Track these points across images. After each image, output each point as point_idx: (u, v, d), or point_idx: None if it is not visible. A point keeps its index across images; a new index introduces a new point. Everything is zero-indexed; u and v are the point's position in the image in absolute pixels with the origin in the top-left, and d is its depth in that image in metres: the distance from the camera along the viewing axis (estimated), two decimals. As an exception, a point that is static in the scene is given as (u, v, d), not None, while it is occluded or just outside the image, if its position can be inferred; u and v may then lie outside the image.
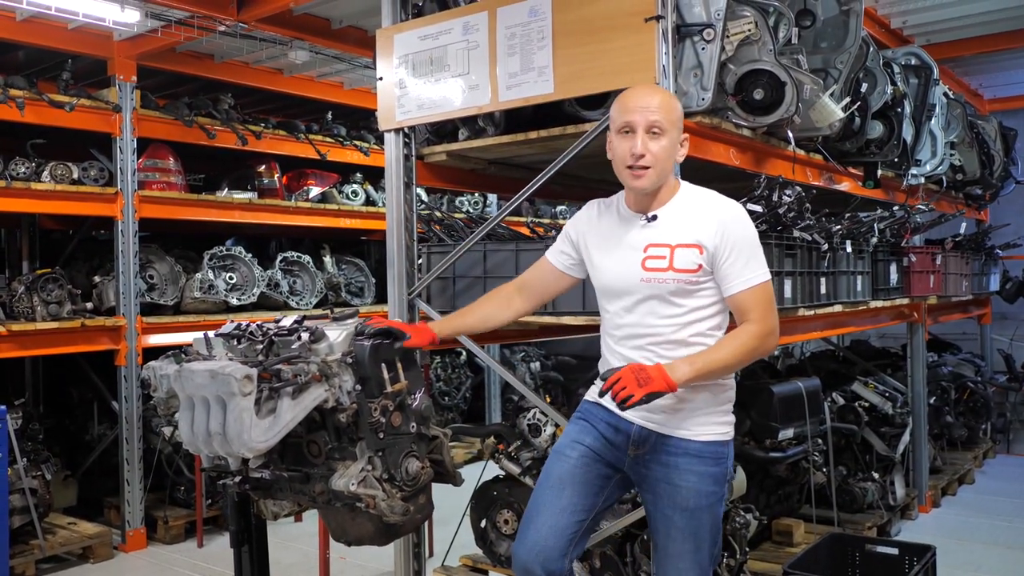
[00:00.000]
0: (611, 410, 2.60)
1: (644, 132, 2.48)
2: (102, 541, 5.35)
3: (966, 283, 6.38)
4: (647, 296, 2.52)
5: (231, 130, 6.00)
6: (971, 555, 5.10)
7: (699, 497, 2.51)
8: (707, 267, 2.49)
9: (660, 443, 2.55)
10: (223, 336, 2.89)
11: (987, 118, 6.57)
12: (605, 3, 3.29)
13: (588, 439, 2.65)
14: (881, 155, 4.46)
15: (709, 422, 2.56)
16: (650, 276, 2.51)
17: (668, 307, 2.51)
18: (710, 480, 2.53)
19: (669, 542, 2.55)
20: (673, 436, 2.54)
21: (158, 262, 5.93)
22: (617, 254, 2.61)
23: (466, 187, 4.63)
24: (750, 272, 2.47)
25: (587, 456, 2.63)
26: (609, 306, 2.66)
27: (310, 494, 2.83)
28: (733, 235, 2.48)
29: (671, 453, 2.54)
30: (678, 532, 2.53)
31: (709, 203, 2.56)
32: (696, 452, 2.52)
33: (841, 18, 3.87)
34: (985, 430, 7.46)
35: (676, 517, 2.52)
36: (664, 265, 2.49)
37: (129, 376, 5.54)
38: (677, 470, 2.52)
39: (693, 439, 2.53)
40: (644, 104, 2.49)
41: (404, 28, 3.92)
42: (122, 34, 5.34)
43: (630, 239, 2.59)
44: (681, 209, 2.57)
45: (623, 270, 2.57)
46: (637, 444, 2.58)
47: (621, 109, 2.54)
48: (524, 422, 4.15)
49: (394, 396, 2.72)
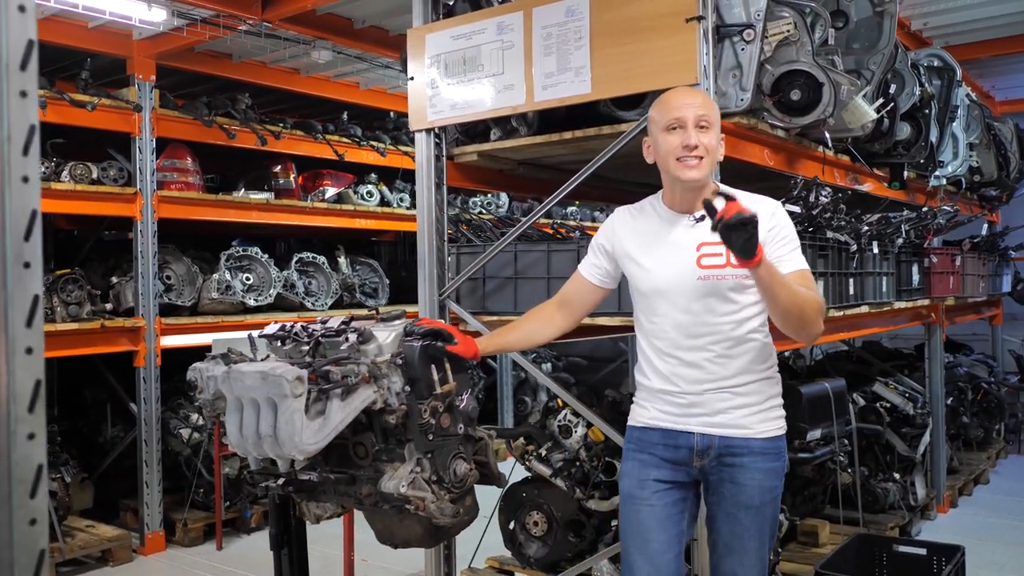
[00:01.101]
0: (665, 429, 2.61)
1: (694, 126, 2.50)
2: (121, 544, 5.33)
3: (983, 284, 6.39)
4: (704, 294, 2.52)
5: (250, 130, 5.98)
6: (993, 555, 5.11)
7: (763, 493, 2.53)
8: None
9: (723, 447, 2.55)
10: (267, 337, 2.87)
11: (1003, 120, 6.58)
12: (645, 3, 3.28)
13: (653, 472, 2.63)
14: (908, 156, 4.46)
15: (767, 418, 2.57)
16: (708, 273, 2.50)
17: (726, 304, 2.51)
18: (773, 476, 2.56)
19: (734, 540, 2.55)
20: (735, 437, 2.54)
21: (175, 263, 5.91)
22: (666, 255, 2.59)
23: (495, 187, 4.62)
24: (796, 259, 2.53)
25: (659, 492, 2.62)
26: (661, 310, 2.60)
27: (356, 496, 2.81)
28: (780, 228, 2.54)
29: (735, 454, 2.54)
30: (743, 530, 2.53)
31: (754, 201, 2.57)
32: (760, 449, 2.53)
33: (875, 19, 3.86)
34: (998, 430, 7.48)
35: (741, 515, 2.53)
36: (722, 262, 2.48)
37: (148, 377, 5.51)
38: (742, 469, 2.53)
39: (755, 437, 2.54)
40: (690, 101, 2.53)
41: (436, 28, 3.91)
42: (142, 33, 5.32)
43: (679, 239, 2.58)
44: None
45: (676, 270, 2.55)
46: (701, 454, 2.58)
47: (667, 108, 2.55)
48: (555, 423, 4.14)
49: (443, 397, 2.70)
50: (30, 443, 1.36)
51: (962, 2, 5.31)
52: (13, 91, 1.34)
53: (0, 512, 1.33)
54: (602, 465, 3.93)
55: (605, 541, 4.00)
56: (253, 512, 5.88)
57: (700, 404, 2.56)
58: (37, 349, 1.37)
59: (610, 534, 4.00)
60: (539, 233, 4.37)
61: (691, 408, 2.57)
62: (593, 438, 3.98)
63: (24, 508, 1.35)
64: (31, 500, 1.36)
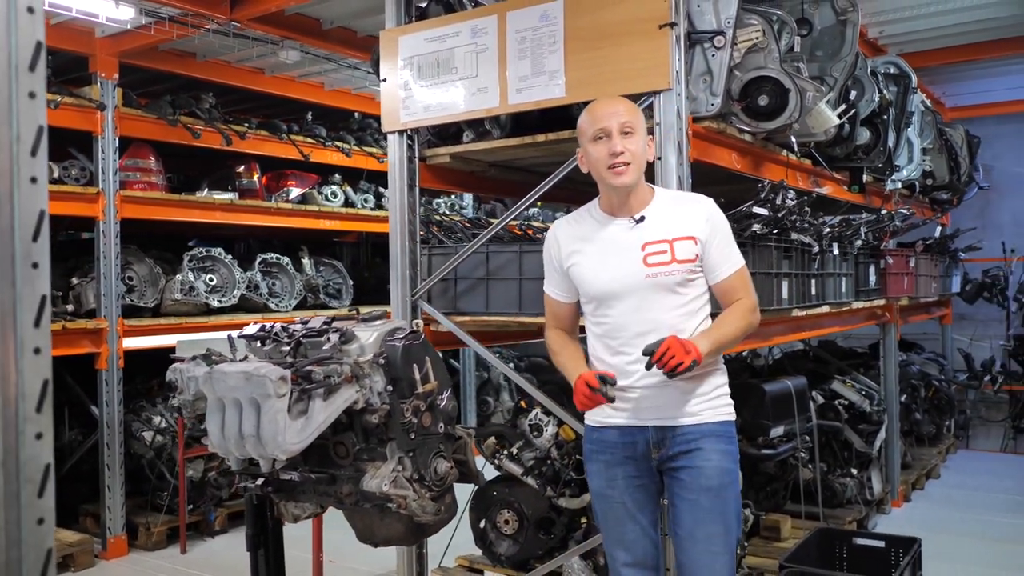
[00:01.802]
0: (616, 425, 2.71)
1: (618, 133, 2.61)
2: (83, 549, 5.25)
3: (934, 284, 6.58)
4: (652, 291, 2.61)
5: (215, 130, 5.93)
6: (946, 546, 5.27)
7: (722, 475, 2.61)
8: (700, 256, 2.65)
9: (678, 436, 2.64)
10: (247, 338, 2.88)
11: (954, 125, 6.79)
12: (619, 9, 3.34)
13: (619, 471, 2.73)
14: (868, 160, 4.59)
15: (717, 404, 2.68)
16: (655, 271, 2.60)
17: (674, 298, 2.62)
18: (729, 458, 2.65)
19: (697, 527, 2.60)
20: (688, 423, 2.63)
21: (137, 263, 5.84)
22: (611, 258, 2.67)
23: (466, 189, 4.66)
24: (734, 257, 2.70)
25: (629, 488, 2.72)
26: (611, 311, 2.67)
27: (336, 495, 2.83)
28: (718, 225, 2.68)
29: (690, 440, 2.63)
30: (706, 514, 2.59)
31: (690, 199, 2.76)
32: (712, 432, 2.63)
33: (838, 27, 3.98)
34: (948, 427, 7.70)
35: (703, 499, 2.59)
36: (667, 259, 2.61)
37: (110, 380, 5.45)
38: (700, 452, 2.61)
39: (708, 421, 2.64)
40: (611, 110, 2.65)
41: (409, 30, 3.93)
42: (105, 31, 5.25)
43: (622, 241, 2.67)
44: (665, 208, 2.70)
45: (623, 271, 2.64)
46: (658, 444, 2.66)
47: (592, 119, 2.67)
48: (525, 422, 4.19)
49: (425, 396, 2.73)
50: (38, 443, 1.36)
51: (917, 11, 5.48)
52: (22, 92, 1.35)
53: (9, 511, 1.33)
54: (573, 463, 3.98)
55: (575, 538, 4.05)
56: (217, 515, 5.83)
57: (651, 398, 2.64)
58: (45, 349, 1.37)
59: (580, 531, 4.05)
60: (510, 234, 4.40)
61: (644, 402, 2.65)
62: (564, 436, 4.03)
63: (32, 507, 1.36)
64: (39, 499, 1.37)
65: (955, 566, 5.00)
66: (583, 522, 4.04)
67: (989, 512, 6.06)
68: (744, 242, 3.73)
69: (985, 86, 7.70)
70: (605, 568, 3.91)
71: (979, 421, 8.40)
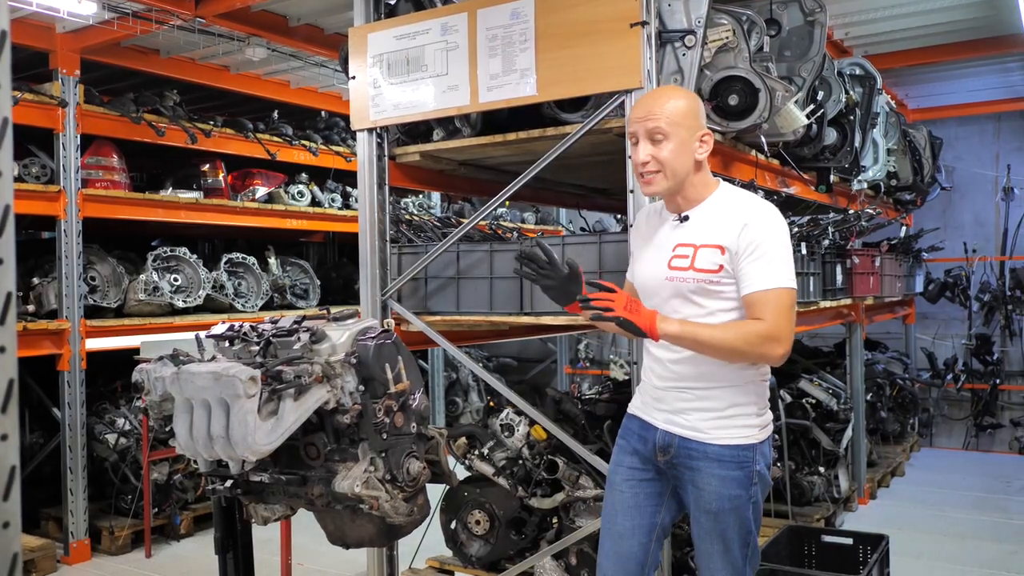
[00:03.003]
0: (643, 420, 2.70)
1: (646, 140, 2.52)
2: (45, 554, 5.14)
3: (899, 284, 6.67)
4: (671, 295, 2.56)
5: (180, 128, 5.84)
6: (912, 543, 5.34)
7: (721, 500, 2.51)
8: (728, 268, 2.47)
9: (683, 447, 2.58)
10: (215, 337, 2.83)
11: (917, 127, 6.88)
12: (589, 8, 3.34)
13: (626, 460, 2.73)
14: (835, 161, 4.63)
15: (728, 425, 2.52)
16: (673, 275, 2.55)
17: (690, 306, 2.53)
18: (733, 484, 2.50)
19: (700, 542, 2.59)
20: (693, 440, 2.55)
21: (99, 263, 5.73)
22: (650, 254, 2.67)
23: (436, 187, 4.63)
24: (769, 276, 2.40)
25: (631, 480, 2.71)
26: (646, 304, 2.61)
27: (307, 497, 2.79)
28: (756, 236, 2.43)
29: (693, 457, 2.56)
30: (705, 533, 2.56)
31: (740, 205, 2.54)
32: (715, 456, 2.51)
33: (806, 28, 4.01)
34: (912, 424, 7.81)
35: (702, 519, 2.56)
36: (686, 264, 2.52)
37: (72, 381, 5.34)
38: (700, 473, 2.54)
39: (712, 443, 2.52)
40: (643, 114, 2.54)
41: (378, 27, 3.90)
42: (66, 26, 5.15)
43: (662, 239, 2.64)
44: (712, 210, 2.56)
45: (653, 269, 2.62)
46: (662, 450, 2.62)
47: (628, 121, 2.63)
48: (497, 422, 4.17)
49: (397, 396, 2.70)
50: (4, 444, 1.31)
51: (882, 14, 5.54)
52: (-14, 82, 1.31)
53: (-27, 515, 1.29)
54: (544, 463, 3.97)
55: (547, 539, 4.04)
56: (183, 518, 5.74)
57: (663, 400, 2.62)
58: (10, 348, 1.33)
59: (552, 531, 4.04)
60: (480, 234, 4.39)
61: (657, 403, 2.65)
62: (536, 436, 4.02)
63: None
64: (5, 503, 1.32)
65: (921, 562, 5.06)
66: (554, 522, 4.03)
67: (953, 509, 6.16)
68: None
69: (947, 88, 7.82)
70: (577, 568, 3.92)
71: (942, 419, 8.52)
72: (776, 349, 2.39)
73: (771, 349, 2.39)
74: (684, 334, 2.42)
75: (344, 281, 7.81)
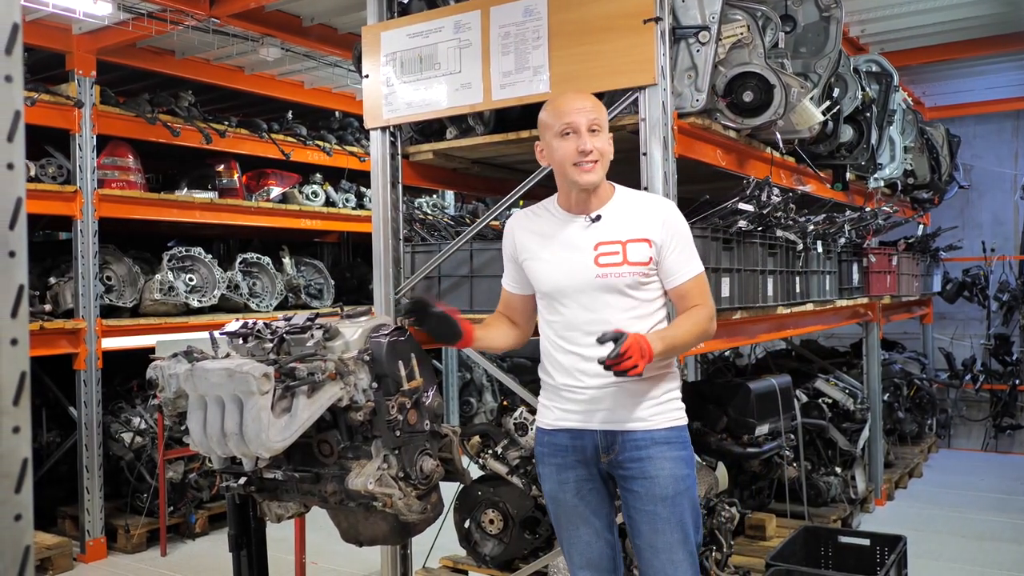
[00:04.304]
0: (567, 428, 2.65)
1: (587, 130, 2.55)
2: (61, 552, 5.17)
3: (916, 283, 6.61)
4: (603, 291, 2.56)
5: (195, 128, 5.87)
6: (930, 544, 5.29)
7: (676, 482, 2.56)
8: (655, 260, 2.59)
9: (627, 441, 2.59)
10: (229, 335, 2.84)
11: (935, 124, 6.83)
12: (603, 4, 3.33)
13: (571, 474, 2.67)
14: (851, 158, 4.60)
15: (667, 408, 2.62)
16: (606, 272, 2.56)
17: (625, 300, 2.57)
18: (682, 464, 2.59)
19: (657, 537, 2.56)
20: (638, 430, 2.58)
21: (115, 263, 5.77)
22: (564, 255, 2.63)
23: (449, 186, 4.63)
24: (692, 263, 2.63)
25: (580, 492, 2.67)
26: (562, 308, 2.64)
27: (321, 494, 2.79)
28: (676, 230, 2.62)
29: (640, 447, 2.57)
30: (664, 524, 2.54)
31: (650, 201, 2.70)
32: (663, 439, 2.58)
33: (821, 24, 3.98)
34: (930, 425, 7.74)
35: (659, 509, 2.55)
36: (619, 260, 2.56)
37: (89, 380, 5.37)
38: (651, 460, 2.56)
39: (657, 427, 2.58)
40: (580, 106, 2.58)
41: (391, 26, 3.90)
42: (83, 27, 5.18)
43: (576, 240, 2.62)
44: (623, 208, 2.65)
45: (574, 270, 2.60)
46: (606, 449, 2.61)
47: (558, 113, 2.60)
48: (511, 421, 4.15)
49: (411, 393, 2.70)
50: (15, 436, 1.32)
51: (898, 10, 5.50)
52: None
53: (-16, 507, 1.29)
54: (558, 462, 3.95)
55: (561, 537, 4.03)
56: (198, 517, 5.76)
57: (598, 400, 2.59)
58: (22, 340, 1.33)
59: (566, 530, 4.03)
60: (493, 232, 4.38)
61: (592, 404, 2.60)
62: (549, 435, 4.00)
63: (9, 503, 1.32)
64: (16, 495, 1.32)
65: (939, 564, 5.02)
66: (569, 521, 4.02)
67: (972, 510, 6.09)
68: (730, 238, 3.73)
69: (965, 85, 7.75)
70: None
71: (960, 420, 8.45)
72: (714, 325, 2.66)
73: (713, 326, 2.65)
74: (667, 346, 2.47)
75: (358, 281, 7.82)
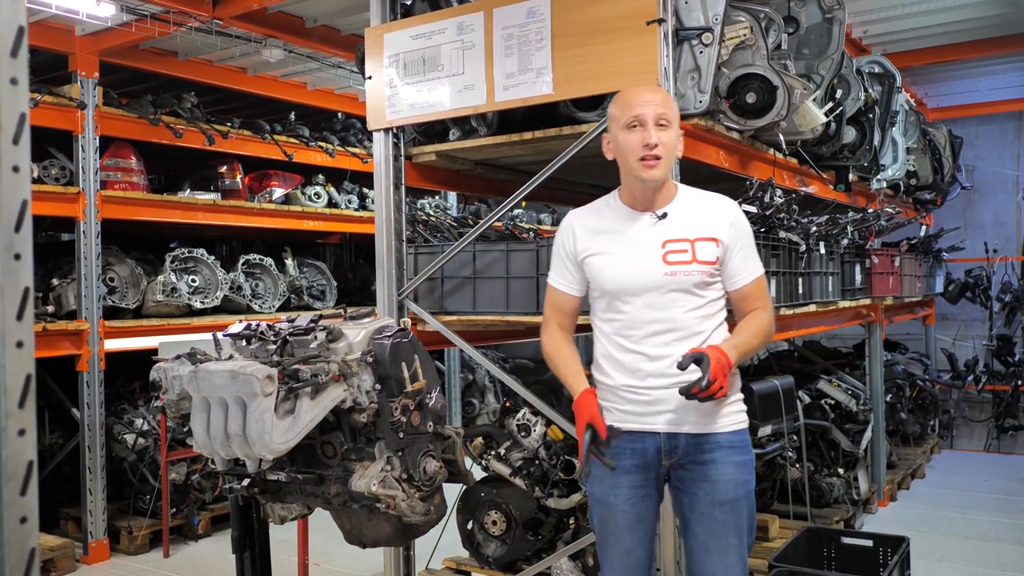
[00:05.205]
0: (629, 431, 2.59)
1: (654, 124, 2.51)
2: (64, 553, 5.17)
3: (919, 284, 6.61)
4: (671, 289, 2.53)
5: (197, 129, 5.87)
6: (933, 546, 5.29)
7: (737, 488, 2.53)
8: (721, 260, 2.58)
9: (692, 443, 2.55)
10: (232, 336, 2.83)
11: (937, 125, 6.82)
12: (605, 6, 3.33)
13: (625, 479, 2.62)
14: (854, 159, 4.60)
15: (731, 411, 2.59)
16: (674, 270, 2.53)
17: (692, 299, 2.55)
18: (745, 469, 2.57)
19: (711, 539, 2.53)
20: (703, 433, 2.54)
21: (118, 264, 5.77)
22: (631, 252, 2.58)
23: (452, 187, 4.63)
24: (755, 265, 2.64)
25: (632, 499, 2.62)
26: (625, 307, 2.59)
27: (324, 496, 2.79)
28: (743, 231, 2.62)
29: (705, 450, 2.54)
30: (720, 527, 2.52)
31: (715, 201, 2.66)
32: (728, 443, 2.55)
33: (824, 25, 3.98)
34: (932, 426, 7.74)
35: (717, 513, 2.52)
36: (688, 258, 2.53)
37: (92, 382, 5.37)
38: (715, 465, 2.53)
39: (723, 431, 2.55)
40: (649, 99, 2.54)
41: (395, 27, 3.90)
42: (85, 29, 5.19)
43: (642, 237, 2.58)
44: (689, 206, 2.62)
45: (641, 267, 2.55)
46: (669, 453, 2.57)
47: (626, 105, 2.55)
48: (513, 423, 4.16)
49: (414, 395, 2.70)
50: (21, 439, 1.32)
51: (901, 12, 5.50)
52: (4, 78, 1.31)
53: (-10, 509, 1.29)
54: (561, 463, 3.95)
55: (564, 539, 4.03)
56: (200, 518, 5.76)
57: (664, 400, 2.54)
58: (28, 343, 1.33)
59: (569, 532, 4.03)
60: (496, 233, 4.38)
61: (655, 405, 2.55)
62: (552, 436, 4.00)
63: (15, 505, 1.32)
64: (22, 497, 1.33)
65: (942, 565, 5.01)
66: (571, 523, 4.02)
67: (975, 511, 6.09)
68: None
69: (967, 86, 7.75)
70: (594, 569, 3.90)
71: (963, 421, 8.44)
72: (774, 328, 2.68)
73: (774, 329, 2.67)
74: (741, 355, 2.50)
75: (361, 282, 7.83)
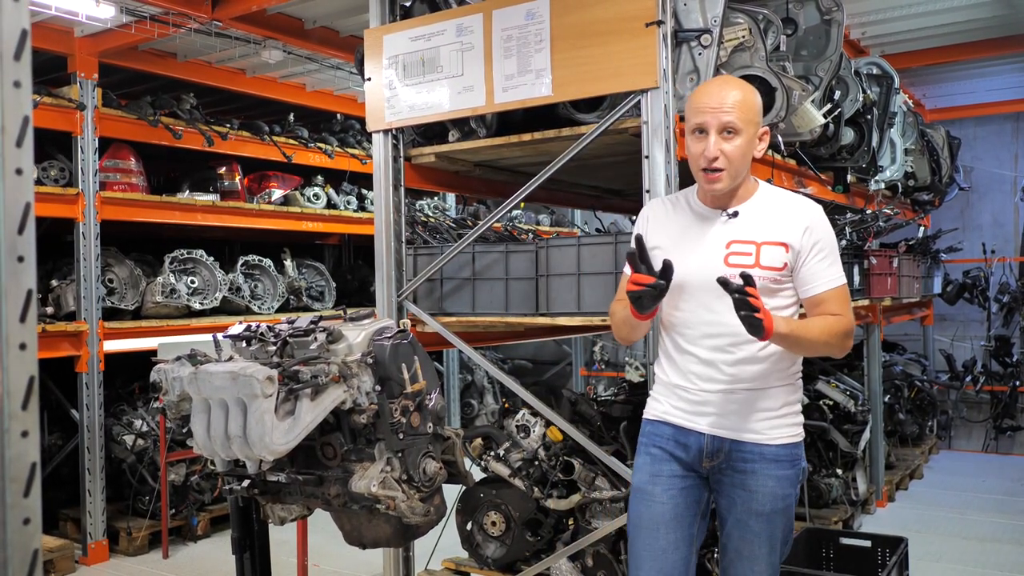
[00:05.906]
0: (677, 426, 2.54)
1: (717, 134, 2.38)
2: (63, 554, 5.18)
3: (917, 285, 6.62)
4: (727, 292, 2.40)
5: (196, 130, 5.88)
6: (931, 546, 5.30)
7: (775, 501, 2.45)
8: (790, 266, 2.43)
9: (735, 450, 2.48)
10: (232, 338, 2.84)
11: (935, 127, 6.83)
12: (605, 7, 3.34)
13: (666, 468, 2.56)
14: (852, 161, 4.61)
15: (783, 424, 2.49)
16: (734, 272, 2.33)
17: None
18: (787, 483, 2.46)
19: (744, 545, 2.48)
20: (748, 442, 2.47)
21: (117, 265, 5.77)
22: (694, 250, 2.50)
23: (451, 189, 4.64)
24: (834, 272, 2.44)
25: (672, 489, 2.54)
26: (683, 305, 2.51)
27: (324, 497, 2.79)
28: (820, 237, 2.44)
29: (747, 460, 2.47)
30: (754, 536, 2.46)
31: (793, 203, 2.51)
32: (772, 456, 2.45)
33: (822, 27, 3.99)
34: (931, 427, 7.75)
35: (752, 522, 2.46)
36: (750, 261, 2.41)
37: (91, 383, 5.37)
38: (754, 475, 2.45)
39: (769, 443, 2.46)
40: (717, 104, 2.39)
41: (394, 29, 3.91)
42: (84, 30, 5.19)
43: (709, 235, 2.49)
44: (764, 207, 2.50)
45: (700, 265, 2.45)
46: (711, 455, 2.50)
47: (694, 110, 2.43)
48: (512, 423, 4.16)
49: (414, 396, 2.71)
50: (24, 441, 1.33)
51: (899, 13, 5.51)
52: (7, 81, 1.33)
53: (-7, 511, 1.30)
54: (560, 464, 3.96)
55: (563, 540, 4.03)
56: (200, 519, 5.76)
57: (711, 403, 2.48)
58: (31, 345, 1.34)
59: (568, 533, 4.03)
60: (495, 234, 4.39)
61: (702, 407, 2.50)
62: (552, 437, 4.01)
63: (18, 507, 1.33)
64: (24, 499, 1.34)
65: (940, 565, 5.02)
66: (571, 524, 4.02)
67: (973, 511, 6.10)
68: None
69: (965, 88, 7.76)
70: (593, 570, 3.91)
71: (961, 421, 8.45)
72: (851, 342, 2.46)
73: (849, 342, 2.45)
74: (792, 333, 2.29)
75: (360, 283, 7.83)
